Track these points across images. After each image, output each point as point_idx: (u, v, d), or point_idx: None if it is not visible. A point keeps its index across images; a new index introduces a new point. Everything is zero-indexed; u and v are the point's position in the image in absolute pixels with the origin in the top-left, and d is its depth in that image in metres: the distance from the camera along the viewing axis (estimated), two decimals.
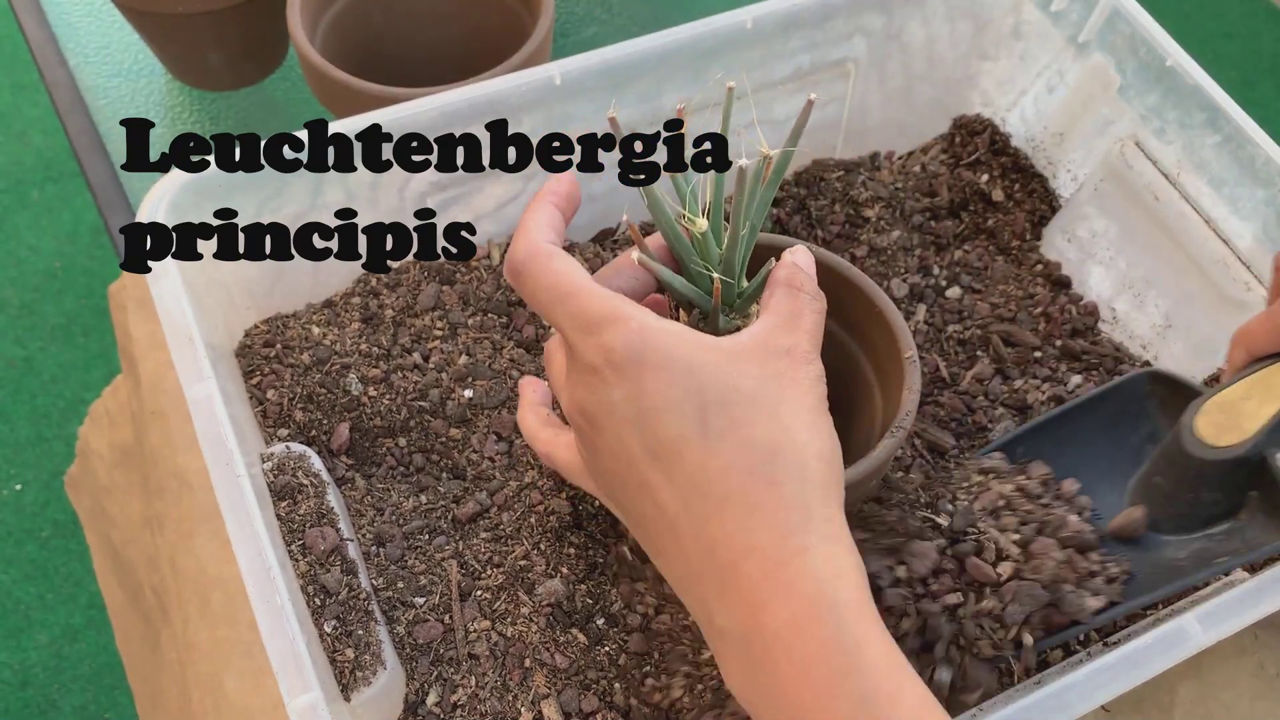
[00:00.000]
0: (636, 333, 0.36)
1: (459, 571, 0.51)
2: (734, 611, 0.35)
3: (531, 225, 0.40)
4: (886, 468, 0.48)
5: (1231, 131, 0.57)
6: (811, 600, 0.34)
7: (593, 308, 0.37)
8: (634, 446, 0.37)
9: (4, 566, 1.39)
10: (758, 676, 0.35)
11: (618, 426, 0.37)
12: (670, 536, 0.37)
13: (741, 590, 0.35)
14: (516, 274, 0.39)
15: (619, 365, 0.36)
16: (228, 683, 0.51)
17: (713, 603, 0.36)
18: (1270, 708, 0.53)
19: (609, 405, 0.37)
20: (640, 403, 0.36)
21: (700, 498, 0.36)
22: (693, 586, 0.37)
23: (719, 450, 0.36)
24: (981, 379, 0.61)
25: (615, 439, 0.37)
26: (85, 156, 0.76)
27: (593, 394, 0.37)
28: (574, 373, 0.38)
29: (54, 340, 1.57)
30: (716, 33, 0.59)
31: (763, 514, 0.35)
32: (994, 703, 0.46)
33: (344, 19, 0.71)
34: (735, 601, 0.35)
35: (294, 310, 0.59)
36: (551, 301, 0.38)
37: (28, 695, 1.30)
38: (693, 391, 0.36)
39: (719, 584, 0.36)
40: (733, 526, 0.35)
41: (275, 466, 0.49)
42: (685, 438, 0.36)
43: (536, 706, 0.47)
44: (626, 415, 0.36)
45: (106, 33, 0.83)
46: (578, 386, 0.38)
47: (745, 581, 0.35)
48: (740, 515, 0.35)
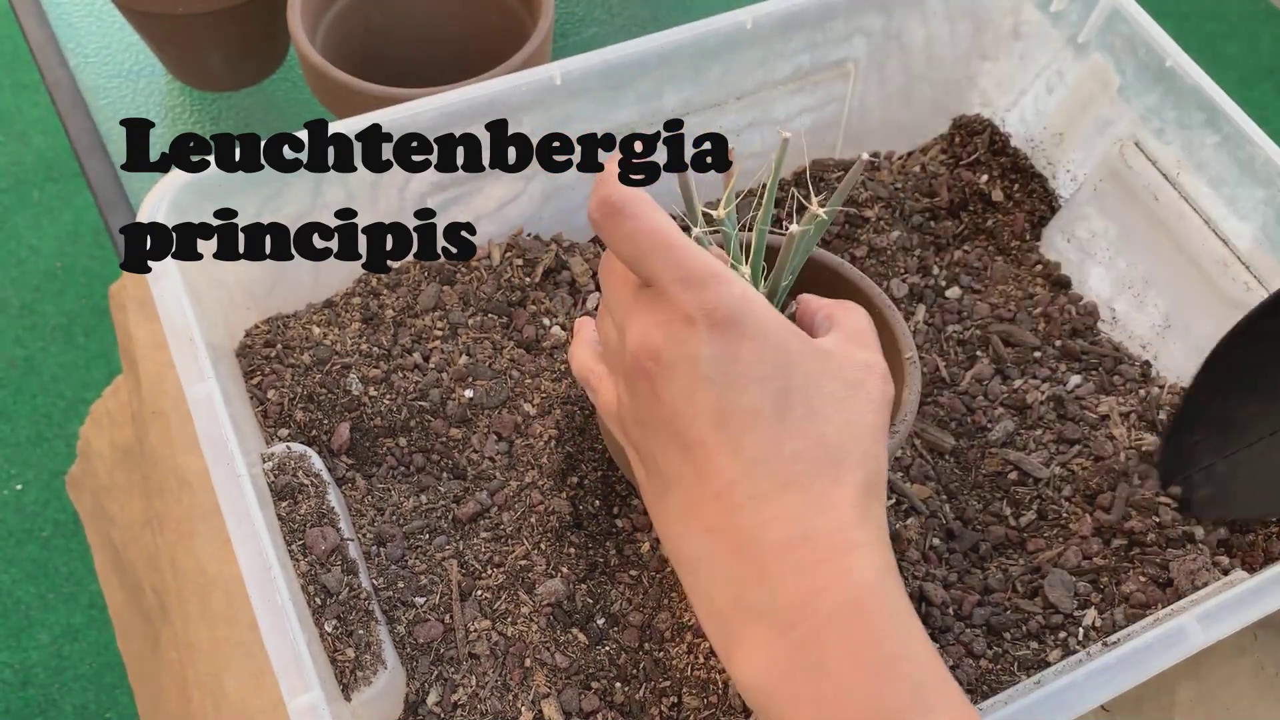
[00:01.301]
0: (740, 297, 0.36)
1: (459, 571, 0.51)
2: (780, 591, 0.35)
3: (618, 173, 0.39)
4: (891, 457, 0.49)
5: (1231, 132, 0.57)
6: (869, 588, 0.35)
7: (700, 263, 0.36)
8: (705, 405, 0.36)
9: (5, 566, 1.39)
10: (802, 657, 0.35)
11: (693, 380, 0.36)
12: (710, 504, 0.37)
13: (793, 571, 0.35)
14: (615, 212, 0.37)
15: (718, 323, 0.36)
16: (228, 683, 0.51)
17: (750, 582, 0.36)
18: (1270, 707, 0.53)
19: (692, 357, 0.36)
20: (728, 365, 0.36)
21: (765, 474, 0.36)
22: (722, 561, 0.36)
23: (793, 435, 0.36)
24: (981, 379, 0.61)
25: (685, 391, 0.36)
26: (86, 156, 0.76)
27: (679, 343, 0.36)
28: (655, 317, 0.37)
29: (55, 340, 1.57)
30: (716, 33, 0.59)
31: (824, 504, 0.36)
32: (994, 703, 0.46)
33: (344, 19, 0.71)
34: (783, 581, 0.35)
35: (294, 310, 0.59)
36: (653, 247, 0.37)
37: (28, 695, 1.30)
38: (781, 371, 0.36)
39: (763, 562, 0.35)
40: (794, 509, 0.35)
41: (276, 466, 0.49)
42: (762, 413, 0.36)
43: (537, 706, 0.47)
44: (709, 373, 0.36)
45: (107, 33, 0.84)
46: (657, 330, 0.37)
47: (796, 565, 0.35)
48: (802, 501, 0.36)
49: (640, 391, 0.38)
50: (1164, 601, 0.51)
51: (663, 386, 0.37)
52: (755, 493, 0.36)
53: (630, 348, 0.38)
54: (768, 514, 0.36)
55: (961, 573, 0.53)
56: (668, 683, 0.48)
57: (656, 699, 0.47)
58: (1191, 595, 0.51)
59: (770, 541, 0.35)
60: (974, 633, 0.51)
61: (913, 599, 0.51)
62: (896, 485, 0.55)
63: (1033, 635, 0.51)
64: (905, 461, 0.57)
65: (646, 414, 0.38)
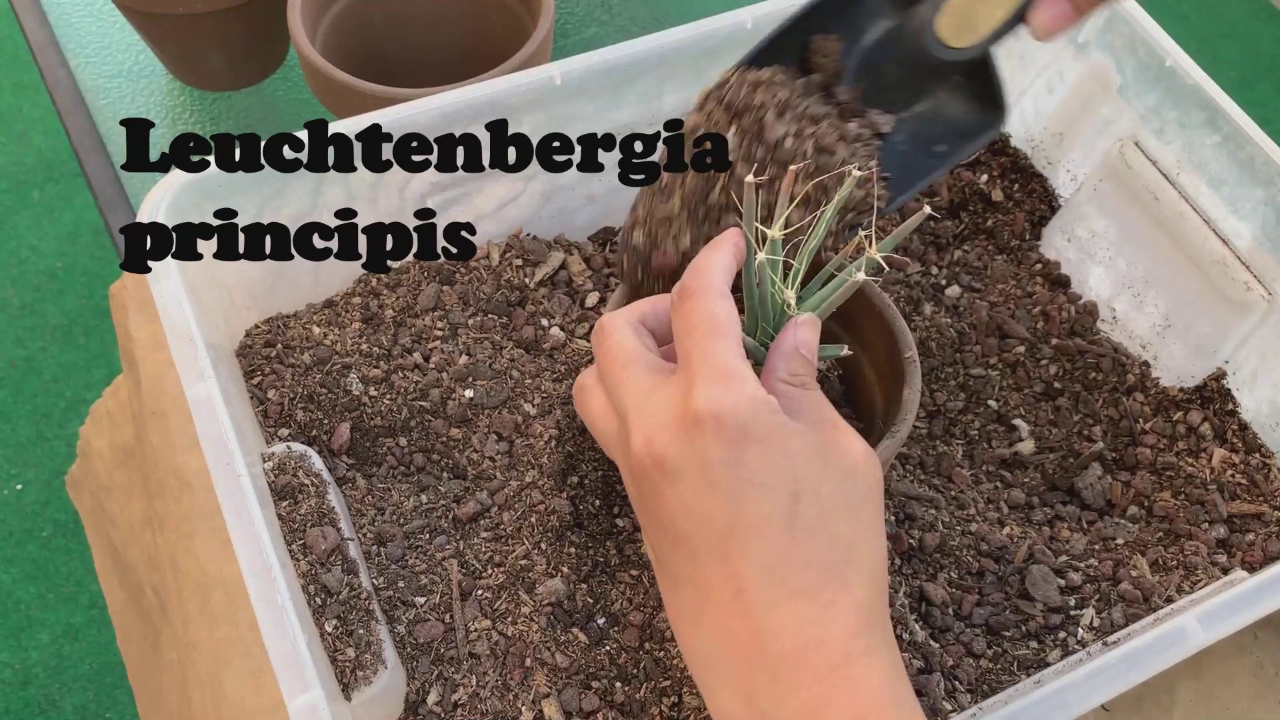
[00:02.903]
0: (749, 399, 0.36)
1: (459, 571, 0.51)
2: (789, 700, 0.35)
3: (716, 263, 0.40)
4: (886, 468, 0.49)
5: (1231, 131, 0.57)
6: (876, 697, 0.35)
7: (726, 360, 0.37)
8: (713, 513, 0.36)
9: (5, 566, 1.39)
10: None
11: (701, 487, 0.36)
12: (719, 608, 0.36)
13: (803, 680, 0.35)
14: (688, 295, 0.39)
15: (725, 427, 0.36)
16: (228, 682, 0.51)
17: (761, 688, 0.35)
18: (1270, 707, 0.53)
19: (700, 461, 0.36)
20: (737, 471, 0.36)
21: (775, 583, 0.35)
22: (733, 666, 0.36)
23: (803, 541, 0.36)
24: (979, 378, 0.61)
25: (693, 497, 0.36)
26: (86, 156, 0.76)
27: (689, 445, 0.36)
28: (663, 416, 0.37)
29: (55, 340, 1.57)
30: (716, 33, 0.59)
31: (835, 611, 0.35)
32: (994, 702, 0.46)
33: (344, 19, 0.71)
34: (793, 691, 0.35)
35: (294, 310, 0.59)
36: (696, 331, 0.38)
37: (29, 694, 1.30)
38: (789, 475, 0.36)
39: (773, 671, 0.35)
40: (804, 618, 0.35)
41: (276, 466, 0.49)
42: (772, 520, 0.36)
43: (537, 706, 0.47)
44: (717, 479, 0.36)
45: (107, 33, 0.84)
46: (665, 433, 0.37)
47: (808, 672, 0.35)
48: (814, 609, 0.35)
49: (646, 492, 0.38)
50: (1157, 593, 0.51)
51: (669, 490, 0.37)
52: (765, 600, 0.35)
53: (636, 448, 0.38)
54: (778, 622, 0.35)
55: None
56: (668, 682, 0.48)
57: (656, 699, 0.47)
58: (1191, 595, 0.51)
59: (781, 649, 0.35)
60: (974, 633, 0.51)
61: (913, 599, 0.51)
62: (896, 488, 0.55)
63: (1032, 635, 0.51)
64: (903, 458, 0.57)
65: (653, 512, 0.38)
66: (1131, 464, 0.59)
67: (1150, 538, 0.55)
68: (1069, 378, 0.62)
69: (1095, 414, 0.60)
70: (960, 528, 0.54)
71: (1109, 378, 0.62)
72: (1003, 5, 0.45)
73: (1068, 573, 0.53)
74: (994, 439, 0.59)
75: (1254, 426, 0.59)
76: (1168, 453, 0.59)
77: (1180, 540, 0.55)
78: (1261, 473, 0.57)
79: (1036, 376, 0.62)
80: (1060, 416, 0.60)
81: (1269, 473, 0.57)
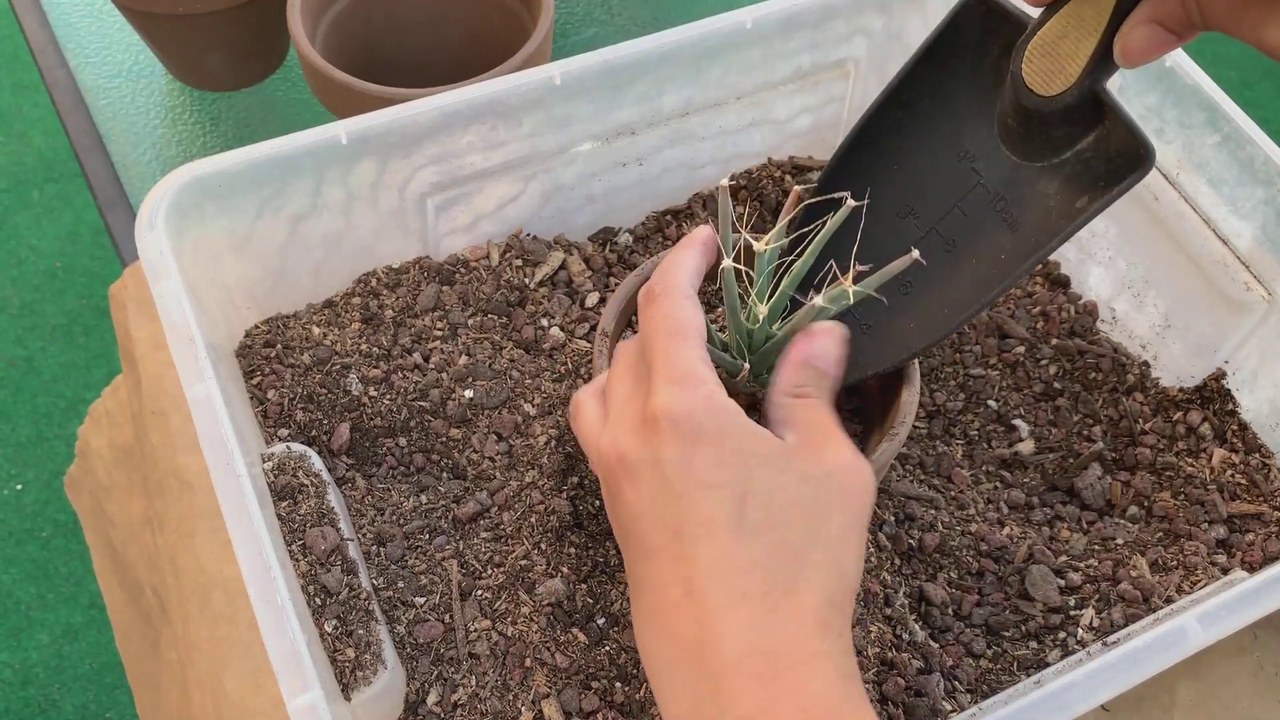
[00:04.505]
0: (704, 400, 0.37)
1: (459, 571, 0.51)
2: (733, 707, 0.34)
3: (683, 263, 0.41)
4: (886, 469, 0.49)
5: (1231, 131, 0.57)
6: (820, 702, 0.34)
7: (685, 364, 0.38)
8: (664, 511, 0.36)
9: (5, 566, 1.39)
10: None
11: (654, 485, 0.37)
12: (668, 611, 0.36)
13: (746, 688, 0.34)
14: (655, 298, 0.40)
15: (679, 427, 0.36)
16: (228, 682, 0.51)
17: (706, 695, 0.35)
18: (1270, 707, 0.53)
19: (654, 460, 0.37)
20: (687, 472, 0.36)
21: (720, 587, 0.35)
22: (679, 673, 0.36)
23: (748, 545, 0.35)
24: (979, 378, 0.61)
25: (647, 495, 0.37)
26: (86, 156, 0.76)
27: (644, 446, 0.37)
28: (629, 420, 0.38)
29: (55, 340, 1.57)
30: (716, 33, 0.59)
31: (778, 618, 0.35)
32: (993, 703, 0.46)
33: (344, 20, 0.71)
34: (737, 697, 0.34)
35: (294, 310, 0.59)
36: (660, 334, 0.39)
37: (28, 694, 1.30)
38: (738, 476, 0.36)
39: (717, 677, 0.35)
40: (750, 621, 0.35)
41: (276, 466, 0.49)
42: (717, 521, 0.36)
43: (537, 706, 0.47)
44: (670, 477, 0.36)
45: (107, 33, 0.84)
46: (628, 434, 0.38)
47: (752, 680, 0.34)
48: (756, 614, 0.35)
49: (610, 490, 0.39)
50: (1156, 593, 0.51)
51: (628, 488, 0.37)
52: (711, 605, 0.35)
53: (604, 447, 0.39)
54: (722, 627, 0.35)
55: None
56: None
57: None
58: (1191, 595, 0.51)
59: (725, 655, 0.35)
60: (974, 633, 0.51)
61: (912, 599, 0.51)
62: (896, 488, 0.55)
63: (1032, 635, 0.51)
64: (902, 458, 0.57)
65: (616, 513, 0.39)
66: (1131, 464, 0.59)
67: (1150, 538, 0.55)
68: (1069, 378, 0.62)
69: (1095, 414, 0.60)
70: (960, 528, 0.54)
71: (1109, 378, 0.62)
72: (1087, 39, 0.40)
73: (1067, 573, 0.53)
74: (994, 439, 0.59)
75: (1254, 426, 0.59)
76: (1167, 453, 0.59)
77: (1180, 540, 0.55)
78: (1261, 473, 0.57)
79: (1036, 376, 0.62)
80: (1060, 416, 0.60)
81: (1269, 473, 0.57)
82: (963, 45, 0.46)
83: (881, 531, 0.53)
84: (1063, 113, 0.42)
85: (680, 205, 0.66)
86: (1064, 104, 0.41)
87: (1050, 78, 0.42)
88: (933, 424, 0.59)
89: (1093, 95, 0.41)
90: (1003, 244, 0.45)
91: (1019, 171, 0.45)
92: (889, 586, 0.50)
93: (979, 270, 0.45)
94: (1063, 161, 0.44)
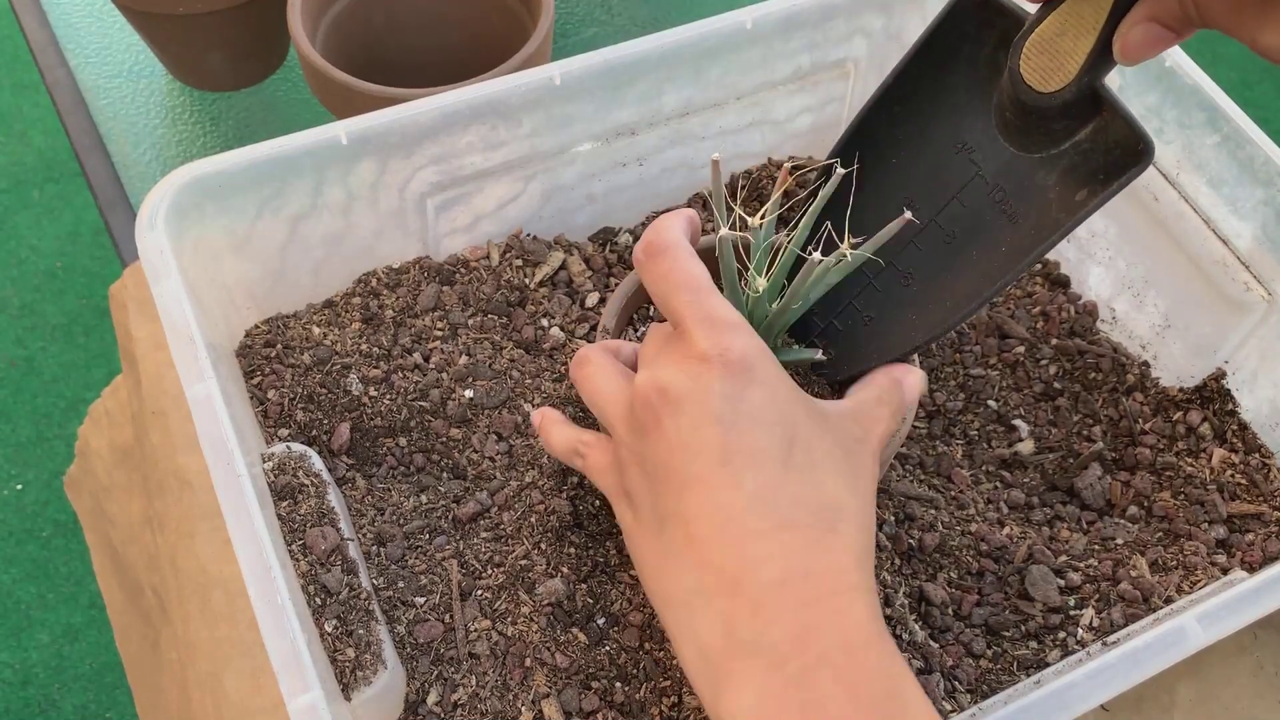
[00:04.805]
0: (757, 344, 0.38)
1: (459, 571, 0.51)
2: (774, 627, 0.35)
3: (674, 224, 0.42)
4: (887, 465, 0.49)
5: (1230, 131, 0.57)
6: (863, 629, 0.35)
7: (723, 311, 0.39)
8: (711, 441, 0.37)
9: (5, 566, 1.39)
10: (796, 693, 0.34)
11: (701, 415, 0.37)
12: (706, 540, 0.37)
13: (788, 608, 0.35)
14: (658, 253, 0.41)
15: (732, 365, 0.37)
16: (228, 682, 0.51)
17: (743, 617, 0.35)
18: (1270, 707, 0.53)
19: (702, 393, 0.37)
20: (738, 405, 0.37)
21: (765, 512, 0.36)
22: (714, 599, 0.36)
23: (794, 481, 0.37)
24: (979, 378, 0.61)
25: (691, 425, 0.37)
26: (86, 156, 0.76)
27: (692, 379, 0.38)
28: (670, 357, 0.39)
29: (55, 340, 1.57)
30: (716, 33, 0.59)
31: (821, 549, 0.36)
32: (993, 703, 0.46)
33: (344, 20, 0.71)
34: (778, 617, 0.35)
35: (294, 310, 0.59)
36: (683, 290, 0.39)
37: (28, 694, 1.30)
38: (787, 420, 0.37)
39: (758, 598, 0.35)
40: (791, 548, 0.36)
41: (276, 466, 0.49)
42: (768, 454, 0.37)
43: (537, 706, 0.47)
44: (719, 410, 0.37)
45: (107, 33, 0.84)
46: (670, 367, 0.38)
47: (793, 600, 0.35)
48: (800, 543, 0.36)
49: (645, 425, 0.39)
50: (1155, 594, 0.51)
51: (669, 420, 0.38)
52: (754, 529, 0.36)
53: (641, 382, 0.39)
54: (765, 551, 0.36)
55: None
56: (668, 682, 0.48)
57: (656, 699, 0.47)
58: (1191, 595, 0.51)
59: (766, 578, 0.35)
60: (973, 633, 0.51)
61: (912, 599, 0.51)
62: (896, 487, 0.55)
63: (1032, 635, 0.51)
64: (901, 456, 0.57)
65: (649, 449, 0.39)
66: (1131, 464, 0.59)
67: (1150, 538, 0.55)
68: (1069, 378, 0.62)
69: (1095, 414, 0.60)
70: (960, 528, 0.54)
71: (1109, 378, 0.62)
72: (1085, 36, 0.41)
73: (1067, 573, 0.53)
74: (994, 439, 0.60)
75: (1254, 426, 0.59)
76: (1167, 453, 0.59)
77: (1180, 540, 0.55)
78: (1261, 473, 0.57)
79: (1036, 376, 0.62)
80: (1060, 416, 0.60)
81: (1269, 473, 0.57)
82: (960, 38, 0.46)
83: (881, 531, 0.53)
84: (1061, 108, 0.42)
85: (680, 205, 0.66)
86: (1062, 100, 0.41)
87: (1048, 74, 0.42)
88: (933, 424, 0.59)
89: (1091, 91, 0.41)
90: (1003, 237, 0.45)
91: (1017, 162, 0.45)
92: (889, 586, 0.50)
93: (980, 263, 0.45)
94: (1061, 153, 0.44)
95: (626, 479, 0.41)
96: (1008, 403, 0.61)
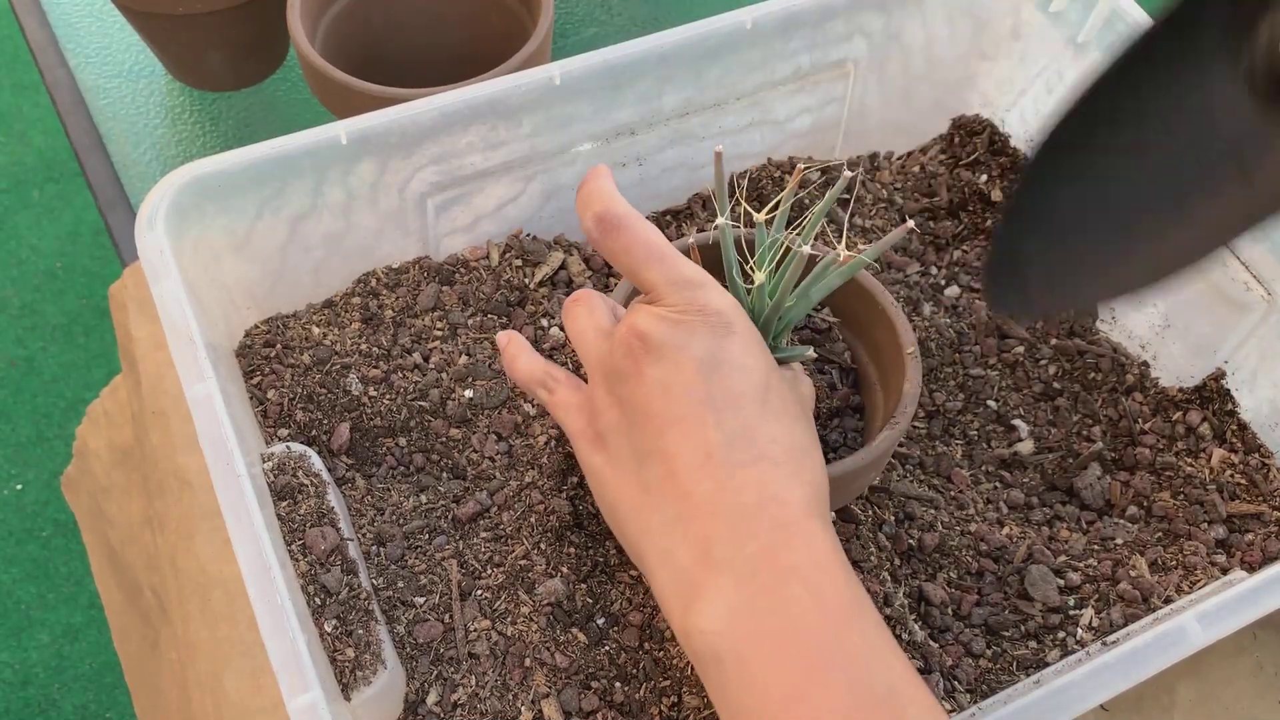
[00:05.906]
0: (731, 303, 0.41)
1: (459, 571, 0.51)
2: (748, 544, 0.37)
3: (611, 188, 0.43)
4: (886, 459, 0.49)
5: None
6: (829, 552, 0.38)
7: (690, 271, 0.41)
8: (693, 385, 0.39)
9: (5, 566, 1.39)
10: (766, 599, 0.36)
11: (681, 363, 0.39)
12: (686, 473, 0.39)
13: (761, 527, 0.37)
14: (615, 227, 0.42)
15: (710, 318, 0.40)
16: (228, 682, 0.51)
17: (720, 537, 0.38)
18: (1270, 707, 0.53)
19: (683, 343, 0.39)
20: (719, 354, 0.39)
21: (745, 445, 0.39)
22: (692, 525, 0.38)
23: (771, 422, 0.39)
24: (978, 378, 0.61)
25: (673, 372, 0.39)
26: (86, 156, 0.76)
27: (672, 330, 0.40)
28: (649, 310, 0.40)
29: (55, 340, 1.57)
30: (716, 33, 0.59)
31: (795, 481, 0.39)
32: (993, 702, 0.46)
33: (344, 20, 0.71)
34: (753, 536, 0.37)
35: (294, 310, 0.59)
36: (649, 259, 0.41)
37: (28, 694, 1.30)
38: (762, 369, 0.40)
39: (733, 521, 0.38)
40: (768, 479, 0.38)
41: (275, 466, 0.49)
42: (748, 397, 0.39)
43: (537, 706, 0.47)
44: (700, 357, 0.39)
45: (107, 33, 0.84)
46: (651, 318, 0.40)
47: (767, 521, 0.38)
48: (776, 474, 0.38)
49: (624, 372, 0.40)
50: (1154, 594, 0.51)
51: (649, 367, 0.40)
52: (734, 463, 0.38)
53: (620, 331, 0.41)
54: (742, 479, 0.38)
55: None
56: (668, 682, 0.48)
57: (656, 698, 0.47)
58: (1190, 595, 0.51)
59: (744, 503, 0.38)
60: (973, 633, 0.51)
61: (912, 599, 0.51)
62: (896, 488, 0.55)
63: (1031, 635, 0.51)
64: None
65: (628, 392, 0.40)
66: (1131, 464, 0.59)
67: (1149, 538, 0.55)
68: (1068, 378, 0.62)
69: (1094, 414, 0.60)
70: (959, 528, 0.54)
71: (1108, 378, 0.62)
72: None
73: (1067, 573, 0.53)
74: (993, 439, 0.60)
75: (1253, 426, 0.59)
76: (1167, 453, 0.59)
77: (1179, 540, 0.55)
78: (1261, 473, 0.57)
79: (1036, 376, 0.62)
80: (1059, 417, 0.60)
81: (1268, 473, 0.57)
82: None
83: (881, 531, 0.53)
84: None
85: (680, 205, 0.66)
86: None
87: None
88: (932, 424, 0.59)
89: None
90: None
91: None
92: (888, 586, 0.50)
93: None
94: None
95: (601, 421, 0.42)
96: (1007, 403, 0.60)
